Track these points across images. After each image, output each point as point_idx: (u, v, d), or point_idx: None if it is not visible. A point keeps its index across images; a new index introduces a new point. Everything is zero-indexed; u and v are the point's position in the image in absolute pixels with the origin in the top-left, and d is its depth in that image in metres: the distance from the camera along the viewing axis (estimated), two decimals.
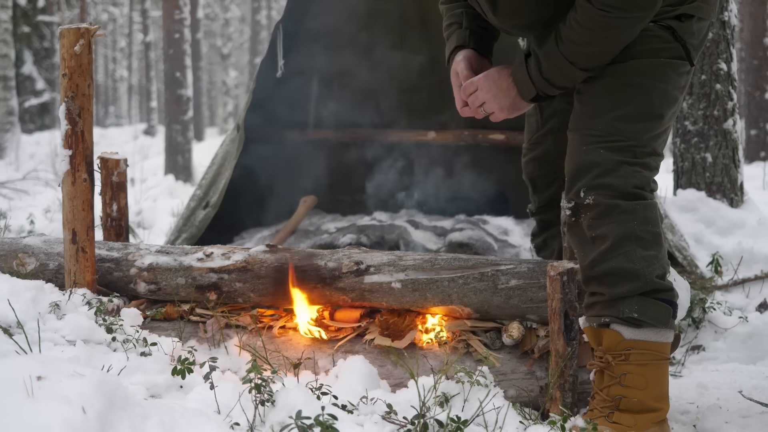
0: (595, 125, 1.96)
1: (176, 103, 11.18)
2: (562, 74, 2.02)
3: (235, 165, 4.20)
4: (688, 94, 4.35)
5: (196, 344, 2.27)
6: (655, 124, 1.96)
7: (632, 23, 1.93)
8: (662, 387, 1.90)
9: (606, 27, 1.93)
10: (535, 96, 2.08)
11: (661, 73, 1.95)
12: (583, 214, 1.94)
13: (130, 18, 28.35)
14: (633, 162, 1.92)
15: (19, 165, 12.95)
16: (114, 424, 1.44)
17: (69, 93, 2.37)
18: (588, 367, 2.00)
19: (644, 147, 1.94)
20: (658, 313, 1.89)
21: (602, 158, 1.92)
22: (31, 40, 21.13)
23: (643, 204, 1.91)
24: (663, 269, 1.92)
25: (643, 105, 1.95)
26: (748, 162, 9.51)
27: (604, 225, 1.90)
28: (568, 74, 2.02)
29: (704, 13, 1.99)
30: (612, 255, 1.89)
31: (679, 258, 3.76)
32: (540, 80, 2.04)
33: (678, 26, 1.96)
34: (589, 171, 1.93)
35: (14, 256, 2.55)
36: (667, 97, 1.97)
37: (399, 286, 2.26)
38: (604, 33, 1.94)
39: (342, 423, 1.66)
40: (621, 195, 1.90)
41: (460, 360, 2.14)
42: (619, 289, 1.88)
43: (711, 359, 3.00)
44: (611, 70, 1.97)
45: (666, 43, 1.95)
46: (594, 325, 1.93)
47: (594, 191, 1.91)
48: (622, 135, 1.93)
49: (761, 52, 9.76)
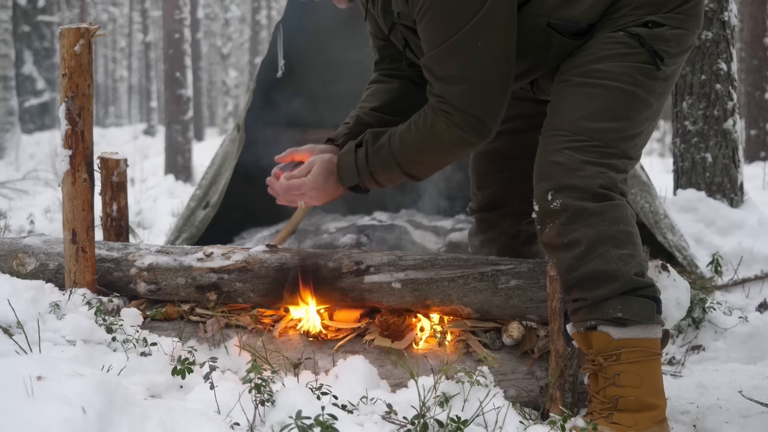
0: (560, 126, 1.95)
1: (176, 103, 11.18)
2: (386, 172, 2.10)
3: (235, 165, 4.20)
4: (688, 94, 4.35)
5: (196, 344, 2.26)
6: (623, 126, 1.93)
7: (466, 145, 2.03)
8: (657, 383, 1.89)
9: (441, 142, 2.01)
10: (355, 186, 2.14)
11: (625, 77, 1.93)
12: (550, 222, 1.91)
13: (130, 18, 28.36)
14: (598, 162, 1.89)
15: (19, 165, 12.97)
16: (114, 424, 1.44)
17: (69, 93, 2.37)
18: (582, 371, 2.00)
19: (611, 148, 1.91)
20: (642, 309, 1.87)
21: (566, 158, 1.90)
22: (31, 40, 21.15)
23: (611, 204, 1.88)
24: (640, 266, 1.90)
25: (607, 105, 1.93)
26: (748, 162, 9.50)
27: (575, 230, 1.87)
28: (392, 173, 2.10)
29: (679, 23, 1.98)
30: (587, 259, 1.87)
31: (679, 258, 3.76)
32: (365, 171, 2.11)
33: (645, 33, 1.95)
34: (554, 171, 1.91)
35: (14, 256, 2.55)
36: (634, 100, 1.94)
37: (399, 286, 2.26)
38: (438, 147, 2.02)
39: (342, 423, 1.66)
40: (588, 197, 1.87)
41: (460, 360, 2.13)
42: (600, 291, 1.87)
43: (711, 359, 3.00)
44: (576, 73, 1.98)
45: (632, 49, 1.94)
46: (581, 329, 1.92)
47: (560, 193, 1.89)
48: (586, 135, 1.91)
49: (761, 52, 9.76)
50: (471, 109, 1.96)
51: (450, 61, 1.94)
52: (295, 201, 2.23)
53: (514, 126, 2.31)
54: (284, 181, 2.22)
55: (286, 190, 2.21)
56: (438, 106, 1.99)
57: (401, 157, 2.06)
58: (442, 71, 1.96)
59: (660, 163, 12.02)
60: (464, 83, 1.94)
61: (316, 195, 2.19)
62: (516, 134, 2.31)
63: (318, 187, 2.17)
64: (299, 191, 2.19)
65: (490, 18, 1.89)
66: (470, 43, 1.90)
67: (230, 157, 4.26)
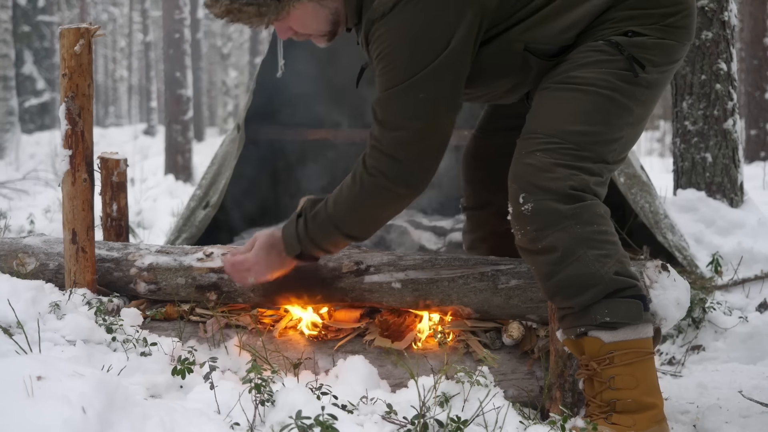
0: (535, 129, 1.95)
1: (176, 103, 11.19)
2: (325, 236, 2.12)
3: (235, 165, 4.20)
4: (688, 94, 4.35)
5: (196, 344, 2.27)
6: (599, 130, 1.92)
7: (395, 198, 2.04)
8: (652, 382, 1.89)
9: (370, 195, 2.03)
10: (299, 254, 2.16)
11: (602, 81, 1.93)
12: (523, 228, 1.90)
13: (130, 18, 28.36)
14: (570, 165, 1.88)
15: (19, 165, 12.97)
16: (114, 424, 1.44)
17: (69, 93, 2.37)
18: (576, 377, 2.00)
19: (585, 151, 1.90)
20: (629, 311, 1.86)
21: (538, 160, 1.89)
22: (31, 40, 21.14)
23: (583, 206, 1.86)
24: (620, 264, 1.88)
25: (582, 109, 1.92)
26: (748, 162, 9.51)
27: (549, 235, 1.86)
28: (332, 237, 2.12)
29: (665, 34, 1.97)
30: (565, 264, 1.85)
31: (679, 258, 3.76)
32: (305, 238, 2.13)
33: (625, 41, 1.95)
34: (525, 173, 1.90)
35: (14, 256, 2.55)
36: (612, 104, 1.93)
37: (399, 286, 2.26)
38: (368, 200, 2.04)
39: (342, 423, 1.66)
40: (559, 198, 1.85)
41: (460, 360, 2.13)
42: (583, 297, 1.86)
43: (711, 359, 3.00)
44: (555, 81, 1.98)
45: (610, 56, 1.94)
46: (572, 336, 1.92)
47: (531, 195, 1.87)
48: (560, 138, 1.90)
49: (761, 52, 9.76)
50: (400, 155, 1.99)
51: (392, 106, 1.98)
52: (245, 278, 2.25)
53: (508, 123, 2.31)
54: (230, 257, 2.27)
55: (232, 266, 2.25)
56: (370, 152, 2.02)
57: (336, 218, 2.08)
58: (383, 115, 1.99)
59: (660, 163, 12.03)
60: (400, 130, 1.97)
61: (261, 269, 2.22)
62: (510, 131, 2.31)
63: (260, 261, 2.20)
64: (243, 267, 2.23)
65: (437, 73, 1.93)
66: (414, 93, 1.94)
67: (230, 157, 4.25)
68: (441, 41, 1.92)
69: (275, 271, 2.22)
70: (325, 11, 2.06)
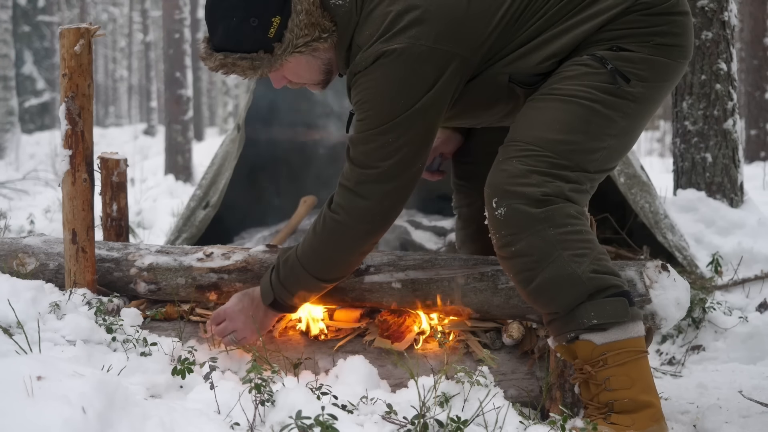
0: (514, 137, 1.97)
1: (176, 103, 11.18)
2: (298, 282, 2.14)
3: (235, 165, 4.20)
4: (688, 94, 4.35)
5: (196, 344, 2.26)
6: (578, 139, 1.93)
7: (357, 236, 2.07)
8: (647, 380, 1.89)
9: (332, 232, 2.07)
10: (273, 301, 2.18)
11: (584, 93, 1.94)
12: (497, 232, 1.91)
13: (130, 18, 28.35)
14: (545, 172, 1.88)
15: (19, 165, 12.98)
16: (114, 424, 1.44)
17: (69, 93, 2.37)
18: (572, 382, 1.99)
19: (563, 160, 1.90)
20: (615, 310, 1.86)
21: (513, 167, 1.90)
22: (31, 40, 21.14)
23: (554, 208, 1.86)
24: (597, 262, 1.87)
25: (562, 118, 1.93)
26: (748, 162, 9.51)
27: (522, 239, 1.86)
28: (304, 282, 2.14)
29: (657, 52, 1.98)
30: (541, 268, 1.86)
31: (679, 258, 3.76)
32: (278, 285, 2.16)
33: (609, 55, 1.96)
34: (499, 178, 1.92)
35: (14, 256, 2.55)
36: (593, 114, 1.94)
37: (399, 286, 2.26)
38: (331, 238, 2.08)
39: (342, 423, 1.66)
40: (530, 202, 1.86)
41: (460, 360, 2.13)
42: (565, 299, 1.86)
43: (711, 359, 3.01)
44: (539, 93, 2.00)
45: (594, 69, 1.96)
46: (563, 342, 1.92)
47: (504, 200, 1.88)
48: (537, 145, 1.91)
49: (761, 52, 9.76)
50: (364, 193, 2.02)
51: (364, 145, 2.02)
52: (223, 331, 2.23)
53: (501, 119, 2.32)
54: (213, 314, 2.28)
55: (213, 319, 2.25)
56: (338, 191, 2.06)
57: (306, 262, 2.11)
58: (354, 152, 2.04)
59: (660, 163, 12.03)
60: (368, 168, 2.02)
61: (237, 318, 2.21)
62: (498, 129, 2.31)
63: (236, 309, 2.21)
64: (220, 318, 2.23)
65: (411, 120, 1.98)
66: (387, 136, 1.99)
67: (230, 157, 4.25)
68: (419, 91, 1.97)
69: (250, 321, 2.20)
70: (317, 62, 2.11)
